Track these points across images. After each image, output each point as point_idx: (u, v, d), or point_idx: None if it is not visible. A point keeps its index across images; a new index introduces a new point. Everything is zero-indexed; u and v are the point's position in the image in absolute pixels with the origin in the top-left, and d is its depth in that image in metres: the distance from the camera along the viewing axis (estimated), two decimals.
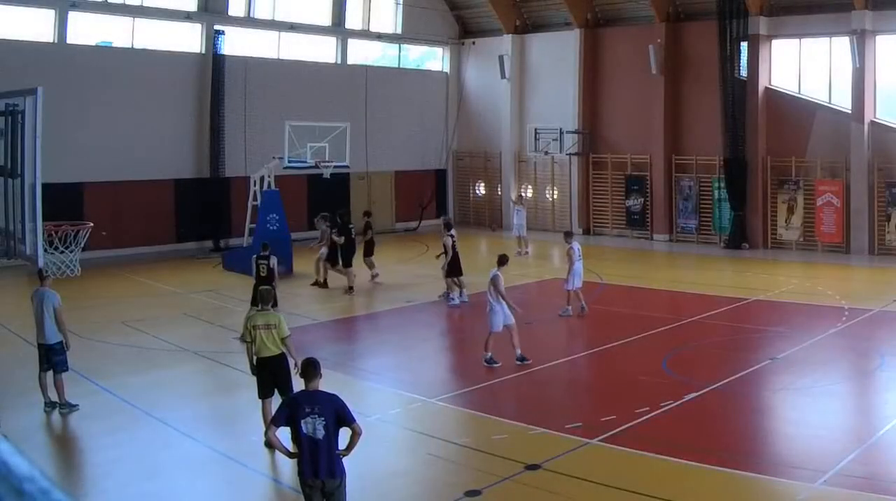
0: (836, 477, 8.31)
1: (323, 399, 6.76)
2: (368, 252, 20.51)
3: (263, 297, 9.99)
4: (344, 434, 6.84)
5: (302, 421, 6.62)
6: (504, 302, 13.06)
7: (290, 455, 6.98)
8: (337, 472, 6.72)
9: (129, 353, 14.10)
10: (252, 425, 9.82)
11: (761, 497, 8.28)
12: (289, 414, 6.78)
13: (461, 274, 17.94)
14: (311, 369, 6.90)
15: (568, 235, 17.53)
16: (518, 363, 12.94)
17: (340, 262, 19.67)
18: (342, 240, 19.57)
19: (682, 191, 27.88)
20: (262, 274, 14.75)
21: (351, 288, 19.29)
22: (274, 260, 14.88)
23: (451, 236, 18.04)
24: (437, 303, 18.27)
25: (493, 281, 13.17)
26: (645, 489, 8.17)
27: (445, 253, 17.94)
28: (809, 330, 15.10)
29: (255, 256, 15.30)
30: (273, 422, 6.99)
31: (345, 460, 6.87)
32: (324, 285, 19.87)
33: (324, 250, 19.85)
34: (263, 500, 8.98)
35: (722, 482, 8.47)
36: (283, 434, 7.06)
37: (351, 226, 20.23)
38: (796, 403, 11.30)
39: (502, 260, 13.78)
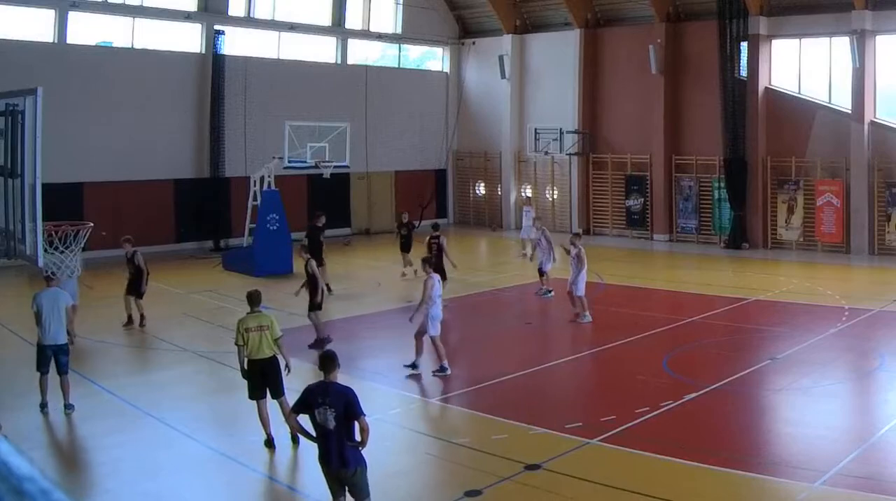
0: (836, 477, 8.31)
1: (335, 391, 6.92)
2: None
3: (254, 299, 10.00)
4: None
5: (316, 411, 6.86)
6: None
7: (311, 438, 7.11)
8: (349, 463, 6.84)
9: (129, 353, 14.10)
10: (251, 425, 9.82)
11: (761, 497, 8.28)
12: (305, 402, 6.98)
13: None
14: (328, 361, 7.08)
15: (577, 236, 17.09)
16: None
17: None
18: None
19: (682, 191, 27.89)
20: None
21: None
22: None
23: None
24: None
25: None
26: (645, 489, 8.17)
27: (437, 255, 17.84)
28: (809, 330, 15.09)
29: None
30: (293, 409, 7.23)
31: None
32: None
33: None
34: (262, 500, 8.98)
35: (722, 482, 8.47)
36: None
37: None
38: (796, 403, 11.29)
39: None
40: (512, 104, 31.84)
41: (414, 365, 12.71)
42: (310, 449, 7.26)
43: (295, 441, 9.33)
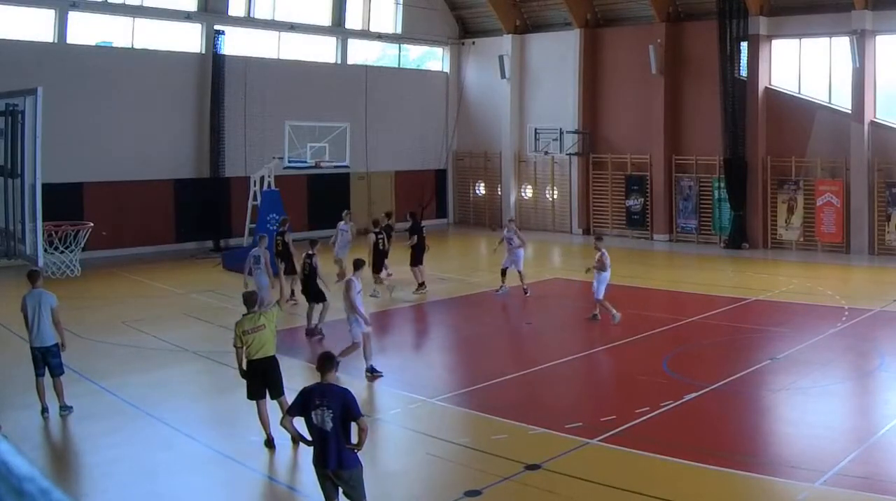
0: (836, 477, 8.31)
1: (333, 392, 6.96)
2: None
3: (248, 301, 10.02)
4: (356, 428, 6.96)
5: (313, 412, 6.87)
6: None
7: (306, 442, 7.17)
8: (346, 464, 6.88)
9: (129, 353, 14.10)
10: (251, 425, 9.82)
11: (761, 497, 8.28)
12: (302, 405, 7.00)
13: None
14: (326, 363, 7.13)
15: (599, 239, 16.78)
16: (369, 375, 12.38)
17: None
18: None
19: (682, 191, 27.89)
20: (306, 272, 15.30)
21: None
22: (317, 259, 15.29)
23: (375, 233, 18.62)
24: (437, 303, 18.29)
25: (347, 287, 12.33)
26: (645, 489, 8.17)
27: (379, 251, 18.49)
28: (809, 330, 15.10)
29: (304, 253, 15.54)
30: (289, 411, 7.27)
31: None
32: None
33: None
34: (262, 500, 8.98)
35: (722, 482, 8.47)
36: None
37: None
38: (796, 403, 11.29)
39: (358, 265, 12.80)
40: (512, 104, 31.83)
41: None
42: (309, 449, 7.27)
43: (295, 441, 9.33)
